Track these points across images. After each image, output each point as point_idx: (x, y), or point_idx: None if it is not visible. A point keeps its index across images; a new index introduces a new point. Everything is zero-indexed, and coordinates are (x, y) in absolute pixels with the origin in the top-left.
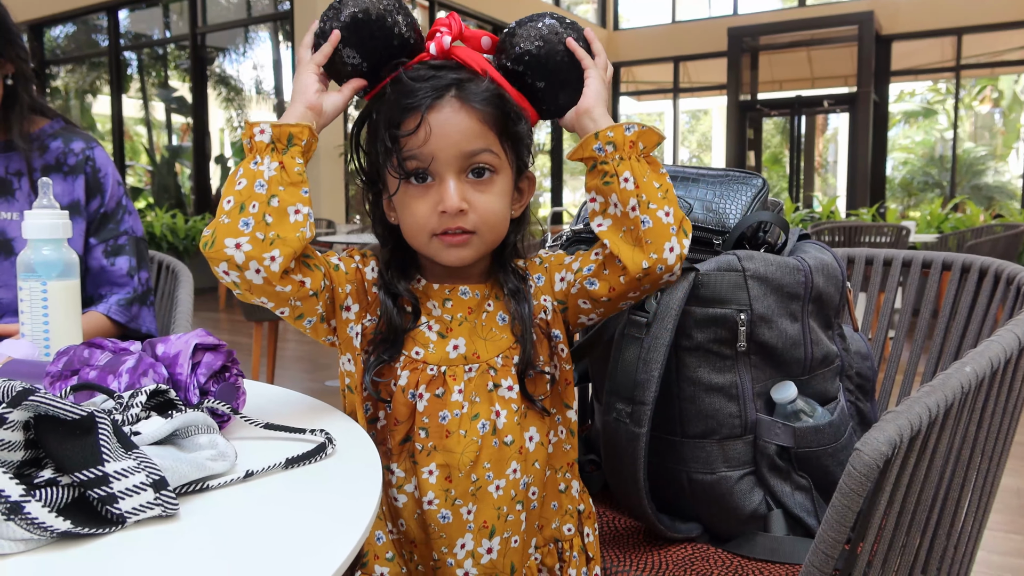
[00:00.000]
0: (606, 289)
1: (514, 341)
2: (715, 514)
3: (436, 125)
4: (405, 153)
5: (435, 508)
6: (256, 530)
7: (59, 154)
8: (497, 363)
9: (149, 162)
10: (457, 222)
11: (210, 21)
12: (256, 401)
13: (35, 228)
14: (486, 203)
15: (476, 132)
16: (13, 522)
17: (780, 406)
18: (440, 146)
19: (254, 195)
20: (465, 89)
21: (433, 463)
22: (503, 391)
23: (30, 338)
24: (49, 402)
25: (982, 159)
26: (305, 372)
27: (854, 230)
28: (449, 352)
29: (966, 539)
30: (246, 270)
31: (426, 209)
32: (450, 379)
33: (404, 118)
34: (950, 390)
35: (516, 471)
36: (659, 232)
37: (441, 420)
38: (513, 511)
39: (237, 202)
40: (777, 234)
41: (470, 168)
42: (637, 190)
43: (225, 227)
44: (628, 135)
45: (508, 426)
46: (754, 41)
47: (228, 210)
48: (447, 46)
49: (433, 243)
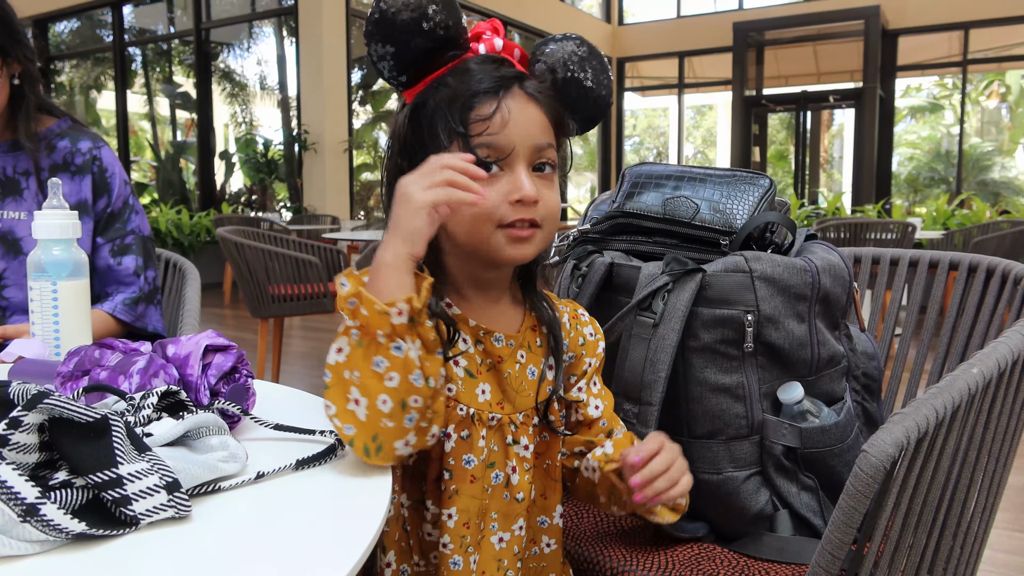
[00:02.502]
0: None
1: (536, 399)
2: (721, 514)
3: (514, 111)
4: (478, 140)
5: (448, 553)
6: (269, 532)
7: (66, 153)
8: (518, 419)
9: (154, 158)
10: (530, 213)
11: (214, 16)
12: (265, 401)
13: (45, 228)
14: (551, 198)
15: (545, 126)
16: (29, 524)
17: (787, 406)
18: (517, 134)
19: (413, 389)
20: (526, 84)
21: (454, 507)
22: (519, 448)
23: (41, 338)
24: (64, 405)
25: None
26: (311, 368)
27: (859, 227)
28: (478, 395)
29: (972, 539)
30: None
31: (495, 198)
32: (477, 423)
33: (477, 102)
34: (957, 392)
35: (522, 528)
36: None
37: (466, 464)
38: (513, 567)
39: (396, 401)
40: (784, 235)
41: (537, 161)
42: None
43: (391, 431)
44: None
45: (521, 484)
46: (759, 36)
47: (388, 412)
48: (499, 48)
49: (498, 235)
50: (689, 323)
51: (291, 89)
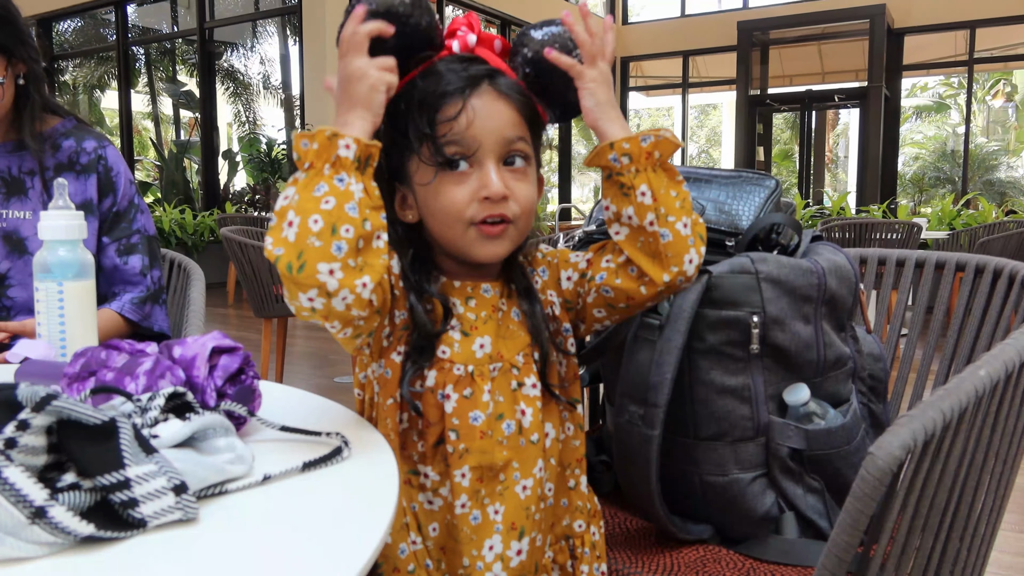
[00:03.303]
0: (623, 297)
1: (531, 339)
2: (727, 516)
3: (479, 109)
4: (445, 139)
5: (467, 511)
6: (276, 533)
7: (71, 153)
8: (519, 361)
9: (157, 157)
10: (499, 208)
11: (218, 16)
12: (270, 402)
13: (51, 229)
14: (523, 191)
15: (515, 120)
16: (37, 526)
17: (792, 408)
18: (484, 130)
19: (347, 218)
20: (497, 80)
21: (466, 465)
22: (527, 389)
23: (46, 338)
24: (72, 407)
25: (995, 154)
26: (314, 368)
27: (865, 227)
28: (475, 351)
29: (979, 541)
30: (334, 297)
31: (465, 196)
32: (479, 379)
33: (443, 103)
34: (964, 394)
35: (541, 469)
36: (679, 245)
37: (473, 421)
38: (540, 510)
39: (328, 223)
40: (790, 236)
41: (507, 155)
42: (655, 203)
43: (317, 250)
44: (644, 146)
45: (534, 424)
46: (764, 35)
47: (318, 231)
48: (472, 44)
49: (470, 233)
50: (695, 325)
51: (294, 88)
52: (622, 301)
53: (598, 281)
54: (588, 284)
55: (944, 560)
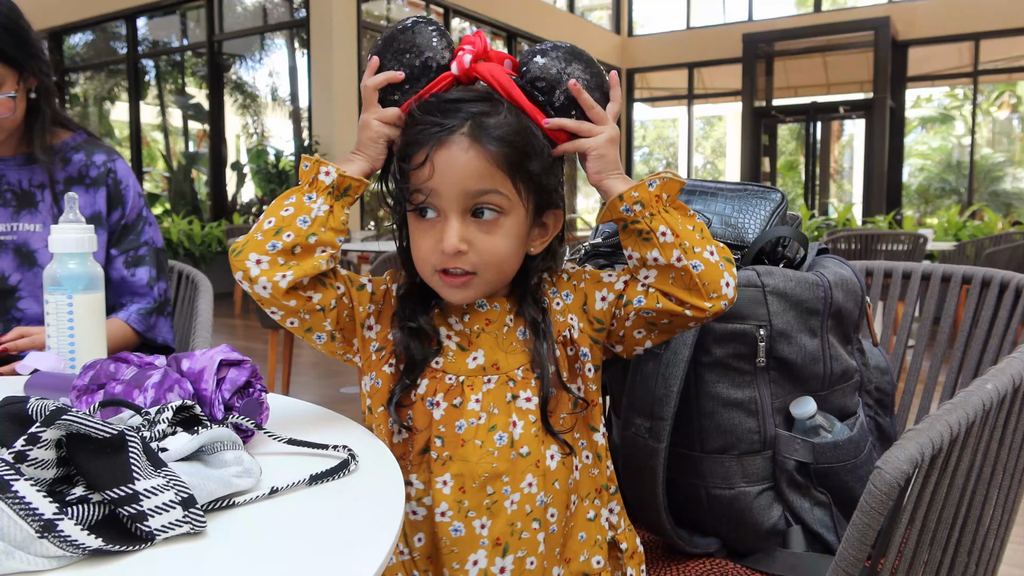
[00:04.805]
0: (667, 316)
1: (533, 370)
2: (734, 529)
3: (440, 163)
4: (412, 187)
5: (448, 520)
6: (283, 547)
7: (81, 167)
8: (517, 375)
9: (166, 168)
10: (456, 262)
11: (227, 28)
12: (277, 414)
13: (61, 242)
14: (489, 244)
15: (483, 172)
16: (47, 539)
17: (799, 421)
18: (444, 184)
19: (294, 227)
20: (480, 125)
21: (448, 473)
22: (521, 402)
23: (56, 351)
24: (82, 421)
25: (1000, 165)
26: (320, 379)
27: (871, 238)
28: (469, 363)
29: (988, 555)
30: (255, 283)
31: (429, 244)
32: (468, 388)
33: (413, 152)
34: (971, 408)
35: (532, 485)
36: (712, 273)
37: (457, 429)
38: (528, 528)
39: (276, 225)
40: (796, 249)
41: (474, 208)
42: (677, 239)
43: (256, 243)
44: (652, 191)
45: (525, 437)
46: (769, 47)
47: (266, 229)
48: (467, 65)
49: (435, 279)
50: (701, 338)
51: (302, 100)
52: (665, 318)
53: (637, 304)
54: (626, 308)
55: (952, 574)
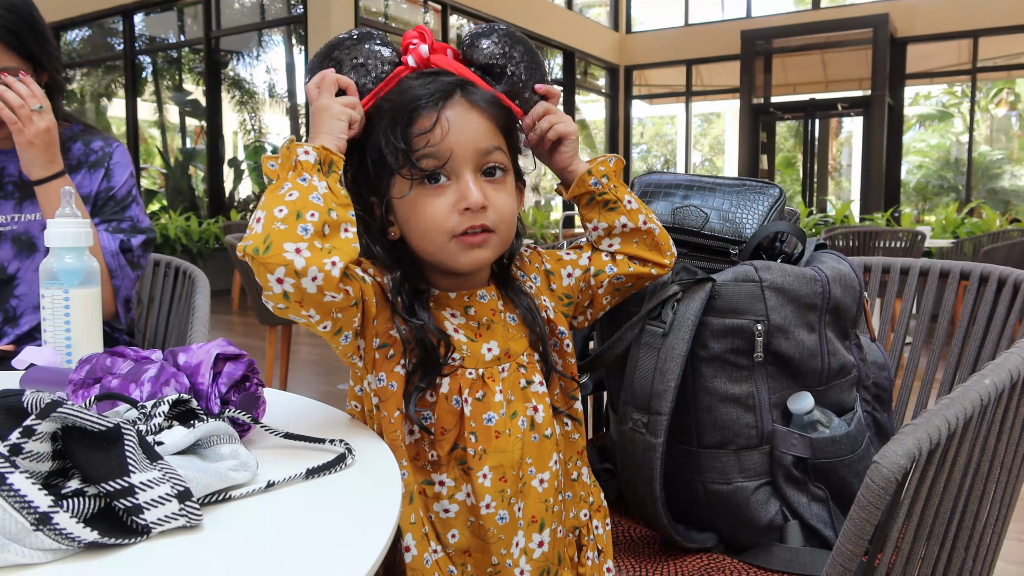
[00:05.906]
0: (634, 279)
1: (529, 338)
2: (731, 524)
3: (452, 121)
4: (420, 152)
5: (492, 511)
6: (279, 541)
7: (80, 154)
8: (524, 360)
9: (163, 165)
10: (479, 219)
11: (224, 25)
12: (274, 409)
13: (58, 236)
14: (503, 201)
15: (490, 130)
16: (42, 532)
17: (797, 417)
18: (458, 141)
19: (311, 205)
20: (468, 91)
21: (486, 466)
22: (535, 387)
23: (52, 345)
24: (77, 413)
25: (998, 163)
26: (318, 375)
27: (869, 235)
28: (484, 354)
29: (985, 550)
30: (303, 277)
31: (444, 208)
32: (489, 380)
33: (417, 116)
34: (969, 403)
35: (556, 462)
36: (663, 233)
37: (487, 423)
38: (558, 502)
39: (292, 210)
40: (794, 244)
41: (484, 166)
42: (640, 206)
43: (282, 232)
44: (612, 165)
45: (546, 420)
46: (767, 44)
47: (282, 217)
48: (426, 54)
49: (451, 245)
50: (698, 333)
51: (299, 97)
52: (630, 282)
53: (609, 272)
54: (597, 278)
55: (949, 570)
